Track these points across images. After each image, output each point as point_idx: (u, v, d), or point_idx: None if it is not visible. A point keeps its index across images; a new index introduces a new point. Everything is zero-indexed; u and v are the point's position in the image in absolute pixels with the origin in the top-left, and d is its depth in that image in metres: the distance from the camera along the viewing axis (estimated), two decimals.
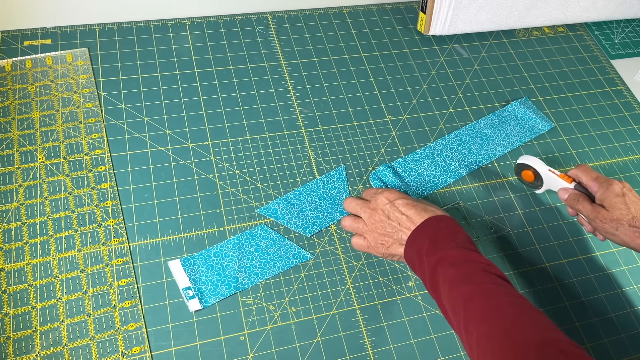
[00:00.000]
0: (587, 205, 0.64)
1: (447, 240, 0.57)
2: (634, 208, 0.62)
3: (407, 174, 0.74)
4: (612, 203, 0.62)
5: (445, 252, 0.56)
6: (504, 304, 0.51)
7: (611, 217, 0.62)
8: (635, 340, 0.66)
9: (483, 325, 0.49)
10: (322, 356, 0.60)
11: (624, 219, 0.61)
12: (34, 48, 0.78)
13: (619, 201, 0.62)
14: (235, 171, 0.72)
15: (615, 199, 0.62)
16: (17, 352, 0.56)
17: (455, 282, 0.53)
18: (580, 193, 0.66)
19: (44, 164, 0.68)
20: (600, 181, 0.65)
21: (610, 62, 0.95)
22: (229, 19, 0.88)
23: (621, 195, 0.63)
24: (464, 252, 0.56)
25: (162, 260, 0.64)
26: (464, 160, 0.77)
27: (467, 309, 0.51)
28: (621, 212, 0.62)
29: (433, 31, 0.90)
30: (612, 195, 0.63)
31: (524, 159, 0.71)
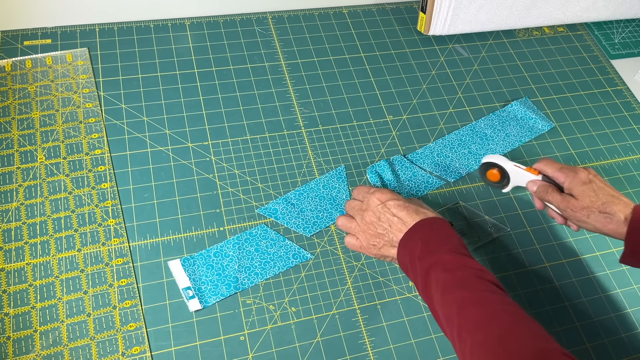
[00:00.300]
0: (557, 196, 0.64)
1: (440, 243, 0.57)
2: (602, 194, 0.62)
3: (403, 172, 0.74)
4: (581, 191, 0.62)
5: (439, 256, 0.55)
6: (499, 312, 0.50)
7: (581, 205, 0.62)
8: (635, 340, 0.66)
9: (477, 334, 0.49)
10: (322, 356, 0.60)
11: (594, 205, 0.61)
12: (34, 48, 0.78)
13: (587, 188, 0.62)
14: (235, 171, 0.72)
15: (583, 187, 0.62)
16: (17, 352, 0.56)
17: (448, 287, 0.53)
18: (548, 184, 0.66)
19: (44, 164, 0.68)
20: (565, 171, 0.65)
21: (610, 62, 0.95)
22: (229, 19, 0.88)
23: (588, 182, 0.63)
24: (458, 257, 0.55)
25: (162, 260, 0.64)
26: (464, 160, 0.77)
27: (461, 316, 0.50)
28: (590, 199, 0.62)
29: (433, 31, 0.90)
30: (579, 184, 0.63)
31: (488, 158, 0.70)
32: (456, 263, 0.54)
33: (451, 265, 0.54)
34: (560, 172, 0.65)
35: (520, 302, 0.66)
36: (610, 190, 0.62)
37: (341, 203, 0.71)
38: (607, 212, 0.61)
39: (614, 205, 0.61)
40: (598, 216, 0.61)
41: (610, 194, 0.62)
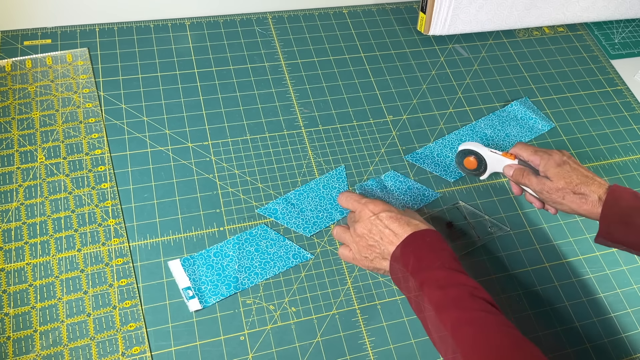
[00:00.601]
0: (533, 179, 0.65)
1: (433, 258, 0.55)
2: (575, 175, 0.63)
3: (397, 186, 0.73)
4: (555, 173, 0.63)
5: (431, 272, 0.54)
6: (495, 333, 0.50)
7: (556, 187, 0.63)
8: (635, 341, 0.66)
9: (474, 356, 0.48)
10: (322, 356, 0.60)
11: (568, 187, 0.62)
12: (34, 48, 0.78)
13: (561, 170, 0.63)
14: (235, 171, 0.72)
15: (557, 169, 0.63)
16: (17, 352, 0.56)
17: (442, 306, 0.52)
18: (524, 167, 0.67)
19: (44, 164, 0.68)
20: (540, 154, 0.66)
21: (610, 62, 0.95)
22: (229, 19, 0.88)
23: (562, 163, 0.64)
24: (451, 274, 0.54)
25: (162, 260, 0.64)
26: None
27: (456, 337, 0.50)
28: (565, 180, 0.62)
29: (433, 31, 0.90)
30: (554, 165, 0.64)
31: (464, 145, 0.71)
32: (450, 280, 0.53)
33: (445, 282, 0.53)
34: (535, 155, 0.66)
35: (520, 302, 0.67)
36: (584, 171, 0.63)
37: None
38: (582, 193, 0.62)
39: (588, 186, 0.62)
40: (573, 197, 0.62)
41: (584, 175, 0.63)
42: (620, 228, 0.60)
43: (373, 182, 0.73)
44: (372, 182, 0.73)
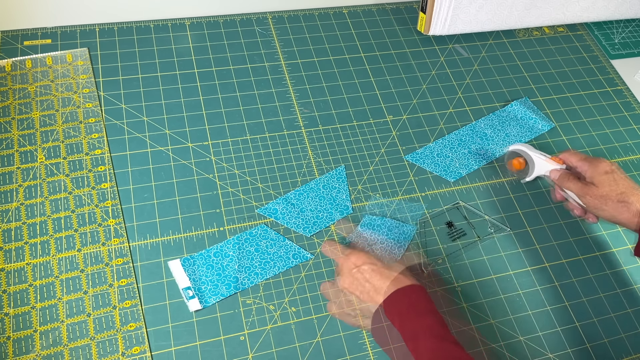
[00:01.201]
0: (577, 183, 0.67)
1: (419, 323, 0.54)
2: (621, 184, 0.64)
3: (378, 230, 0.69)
4: (601, 180, 0.65)
5: (419, 342, 0.53)
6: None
7: (600, 193, 0.65)
8: (635, 340, 0.66)
9: None
10: (322, 356, 0.60)
11: (612, 194, 0.64)
12: (34, 48, 0.78)
13: (608, 177, 0.65)
14: (235, 171, 0.72)
15: (604, 176, 0.65)
16: (17, 352, 0.56)
17: None
18: (570, 172, 0.69)
19: (44, 164, 0.68)
20: (589, 160, 0.67)
21: (610, 62, 0.95)
22: (229, 19, 0.88)
23: (610, 172, 0.65)
24: (440, 344, 0.53)
25: (162, 260, 0.64)
26: (464, 160, 0.77)
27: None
28: (610, 187, 0.64)
29: (433, 31, 0.90)
30: (601, 172, 0.65)
31: (514, 146, 0.74)
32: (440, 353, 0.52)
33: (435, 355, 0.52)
34: (584, 161, 0.68)
35: (520, 302, 0.67)
36: (630, 182, 0.65)
37: (341, 203, 0.71)
38: (625, 201, 0.63)
39: (632, 196, 0.63)
40: (615, 204, 0.64)
41: (630, 185, 0.64)
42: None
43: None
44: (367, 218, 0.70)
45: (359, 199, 0.72)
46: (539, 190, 0.77)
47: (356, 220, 0.70)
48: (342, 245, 0.67)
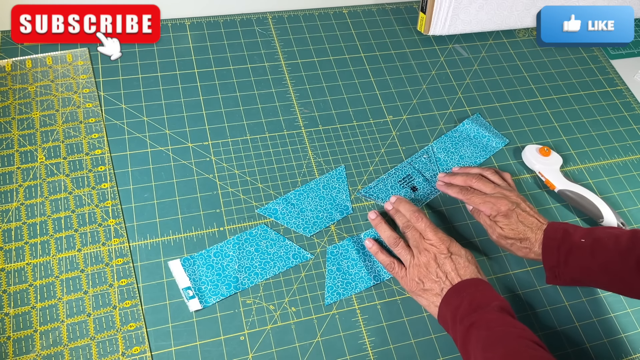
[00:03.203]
0: (487, 219, 0.67)
1: (486, 302, 0.56)
2: (522, 224, 0.64)
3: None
4: (504, 223, 0.65)
5: (482, 314, 0.55)
6: None
7: (505, 235, 0.65)
8: (635, 341, 0.66)
9: None
10: (322, 356, 0.60)
11: (516, 237, 0.64)
12: (34, 48, 0.78)
13: (509, 221, 0.65)
14: (235, 171, 0.72)
15: (505, 220, 0.65)
16: (17, 352, 0.56)
17: (490, 344, 0.52)
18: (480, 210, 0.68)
19: (44, 164, 0.68)
20: (488, 203, 0.66)
21: (610, 62, 0.95)
22: (229, 19, 0.88)
23: (509, 213, 0.65)
24: (502, 316, 0.55)
25: (162, 260, 0.64)
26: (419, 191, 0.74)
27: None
28: (512, 230, 0.64)
29: (433, 31, 0.90)
30: (501, 217, 0.65)
31: None
32: (500, 321, 0.54)
33: (494, 324, 0.54)
34: (485, 204, 0.66)
35: (520, 302, 0.67)
36: (531, 218, 0.65)
37: (341, 203, 0.71)
38: (527, 238, 0.64)
39: (533, 233, 0.64)
40: (519, 246, 0.64)
41: (530, 222, 0.64)
42: (563, 269, 0.61)
43: (349, 242, 0.68)
44: (348, 242, 0.68)
45: (359, 199, 0.72)
46: (538, 191, 0.77)
47: (356, 221, 0.70)
48: None
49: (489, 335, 0.53)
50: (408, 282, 0.62)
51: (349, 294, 0.64)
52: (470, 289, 0.58)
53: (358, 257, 0.66)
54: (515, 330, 0.53)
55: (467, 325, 0.54)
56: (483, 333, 0.53)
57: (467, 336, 0.54)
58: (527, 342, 0.52)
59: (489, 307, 0.55)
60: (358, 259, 0.66)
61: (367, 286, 0.65)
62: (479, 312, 0.55)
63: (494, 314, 0.55)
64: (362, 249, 0.67)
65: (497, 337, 0.52)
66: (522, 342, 0.52)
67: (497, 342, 0.52)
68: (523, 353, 0.51)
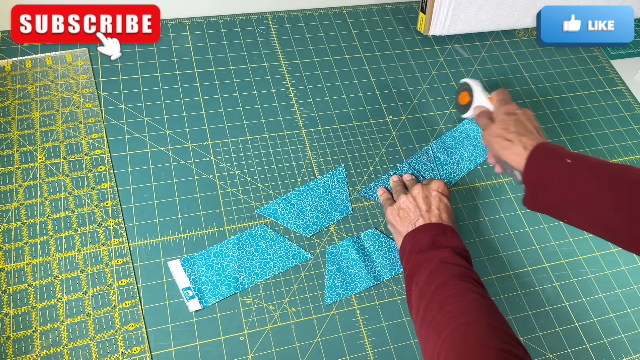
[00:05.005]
0: (483, 119, 0.68)
1: (446, 244, 0.59)
2: (518, 126, 0.63)
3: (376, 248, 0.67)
4: (500, 119, 0.66)
5: (439, 252, 0.58)
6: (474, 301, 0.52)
7: (494, 131, 0.65)
8: (635, 341, 0.66)
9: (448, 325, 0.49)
10: (322, 356, 0.60)
11: (503, 133, 0.63)
12: (34, 48, 0.78)
13: (507, 118, 0.65)
14: (235, 171, 0.72)
15: (503, 116, 0.65)
16: (17, 352, 0.56)
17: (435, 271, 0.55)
18: (488, 110, 0.70)
19: (44, 164, 0.68)
20: (502, 101, 0.68)
21: (610, 62, 0.95)
22: (229, 19, 0.88)
23: (511, 114, 0.65)
24: (455, 256, 0.57)
25: (162, 260, 0.64)
26: None
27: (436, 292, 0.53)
28: (504, 126, 0.64)
29: (433, 31, 0.90)
30: (502, 112, 0.66)
31: (468, 80, 0.75)
32: (452, 260, 0.56)
33: (448, 261, 0.56)
34: (499, 101, 0.68)
35: (520, 302, 0.67)
36: (530, 126, 0.64)
37: (341, 203, 0.71)
38: (511, 140, 0.62)
39: (522, 137, 0.62)
40: (502, 143, 0.63)
41: (527, 129, 0.63)
42: (542, 190, 0.59)
43: (349, 242, 0.67)
44: (348, 242, 0.67)
45: (359, 199, 0.72)
46: None
47: (356, 221, 0.70)
48: None
49: (439, 268, 0.55)
50: (391, 210, 0.66)
51: (349, 294, 0.64)
52: (439, 229, 0.61)
53: (358, 257, 0.66)
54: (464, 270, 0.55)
55: (423, 258, 0.57)
56: (435, 266, 0.56)
57: (417, 266, 0.57)
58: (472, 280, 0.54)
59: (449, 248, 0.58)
60: (358, 259, 0.66)
61: (367, 286, 0.65)
62: (436, 251, 0.57)
63: (448, 253, 0.57)
64: (362, 249, 0.67)
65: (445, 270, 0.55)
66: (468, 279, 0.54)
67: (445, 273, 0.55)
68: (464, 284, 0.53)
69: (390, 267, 0.66)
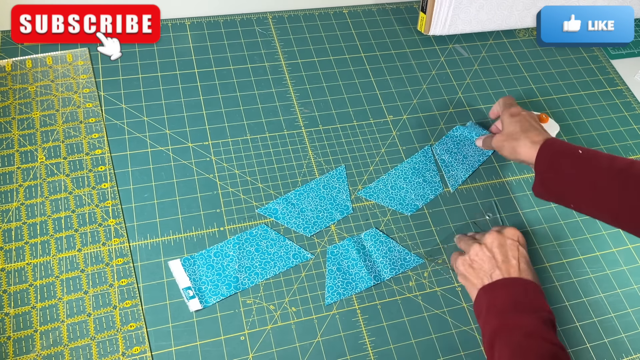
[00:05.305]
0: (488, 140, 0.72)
1: (530, 308, 0.55)
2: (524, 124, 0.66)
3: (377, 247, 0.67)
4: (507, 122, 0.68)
5: (522, 319, 0.53)
6: None
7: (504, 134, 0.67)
8: (635, 341, 0.66)
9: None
10: (322, 356, 0.60)
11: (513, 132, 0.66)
12: (34, 48, 0.78)
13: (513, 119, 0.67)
14: (235, 171, 0.72)
15: (509, 119, 0.68)
16: (17, 352, 0.56)
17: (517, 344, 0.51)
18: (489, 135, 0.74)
19: (44, 164, 0.68)
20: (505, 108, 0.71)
21: (610, 62, 0.95)
22: (229, 19, 0.88)
23: (516, 115, 0.68)
24: (541, 326, 0.53)
25: (162, 260, 0.64)
26: (419, 190, 0.73)
27: None
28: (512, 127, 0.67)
29: (433, 31, 0.90)
30: (507, 115, 0.69)
31: None
32: (540, 333, 0.52)
33: (535, 334, 0.52)
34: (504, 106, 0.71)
35: None
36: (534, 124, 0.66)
37: (341, 203, 0.71)
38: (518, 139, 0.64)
39: (529, 132, 0.64)
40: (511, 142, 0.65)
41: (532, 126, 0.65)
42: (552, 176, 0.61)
43: (349, 242, 0.67)
44: (348, 242, 0.67)
45: (359, 199, 0.72)
46: None
47: (356, 221, 0.70)
48: None
49: (520, 341, 0.51)
50: (462, 261, 0.62)
51: (349, 294, 0.64)
52: (519, 287, 0.56)
53: (358, 257, 0.66)
54: (548, 345, 0.51)
55: (501, 324, 0.53)
56: (515, 339, 0.51)
57: (495, 333, 0.53)
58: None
59: (533, 315, 0.53)
60: (358, 259, 0.66)
61: (367, 286, 0.65)
62: (519, 315, 0.53)
63: (534, 321, 0.53)
64: (362, 249, 0.67)
65: (527, 344, 0.51)
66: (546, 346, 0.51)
67: (525, 344, 0.51)
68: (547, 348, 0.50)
69: (390, 267, 0.66)
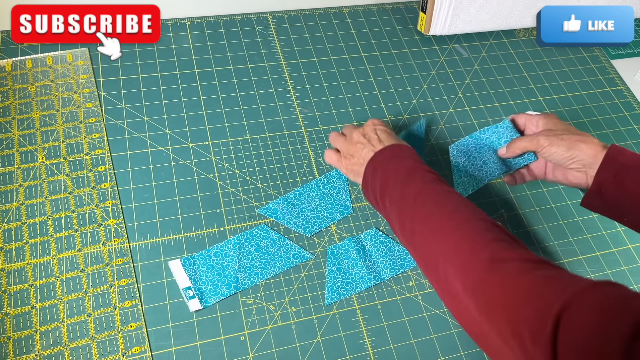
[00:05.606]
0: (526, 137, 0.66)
1: (406, 156, 0.61)
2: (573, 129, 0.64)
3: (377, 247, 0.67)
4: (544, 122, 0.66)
5: (403, 163, 0.60)
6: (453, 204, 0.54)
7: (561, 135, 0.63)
8: None
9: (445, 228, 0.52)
10: (322, 356, 0.60)
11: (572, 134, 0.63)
12: (34, 48, 0.78)
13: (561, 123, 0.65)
14: (235, 171, 0.72)
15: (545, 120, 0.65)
16: (17, 352, 0.56)
17: (408, 181, 0.57)
18: None
19: (44, 164, 0.68)
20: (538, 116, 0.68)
21: (610, 62, 0.95)
22: (229, 19, 0.88)
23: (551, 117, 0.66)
24: (418, 164, 0.59)
25: (162, 260, 0.64)
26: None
27: (417, 205, 0.55)
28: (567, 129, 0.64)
29: (433, 31, 0.90)
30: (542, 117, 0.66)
31: None
32: (416, 167, 0.59)
33: (413, 168, 0.59)
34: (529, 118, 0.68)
35: None
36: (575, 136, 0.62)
37: (341, 203, 0.71)
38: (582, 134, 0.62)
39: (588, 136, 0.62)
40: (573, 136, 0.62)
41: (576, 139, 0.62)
42: (613, 187, 0.58)
43: (349, 242, 0.67)
44: (348, 242, 0.67)
45: (359, 199, 0.72)
46: (539, 190, 0.77)
47: (356, 221, 0.70)
48: None
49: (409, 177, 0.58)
50: (341, 162, 0.67)
51: (349, 294, 0.64)
52: (391, 151, 0.62)
53: (358, 257, 0.66)
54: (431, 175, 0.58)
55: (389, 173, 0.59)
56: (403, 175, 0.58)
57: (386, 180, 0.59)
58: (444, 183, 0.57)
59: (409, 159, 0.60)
60: (358, 259, 0.66)
61: (367, 286, 0.65)
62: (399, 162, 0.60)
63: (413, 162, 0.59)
64: (362, 249, 0.67)
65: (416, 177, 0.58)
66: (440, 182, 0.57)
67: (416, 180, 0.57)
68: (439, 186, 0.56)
69: (390, 267, 0.66)
